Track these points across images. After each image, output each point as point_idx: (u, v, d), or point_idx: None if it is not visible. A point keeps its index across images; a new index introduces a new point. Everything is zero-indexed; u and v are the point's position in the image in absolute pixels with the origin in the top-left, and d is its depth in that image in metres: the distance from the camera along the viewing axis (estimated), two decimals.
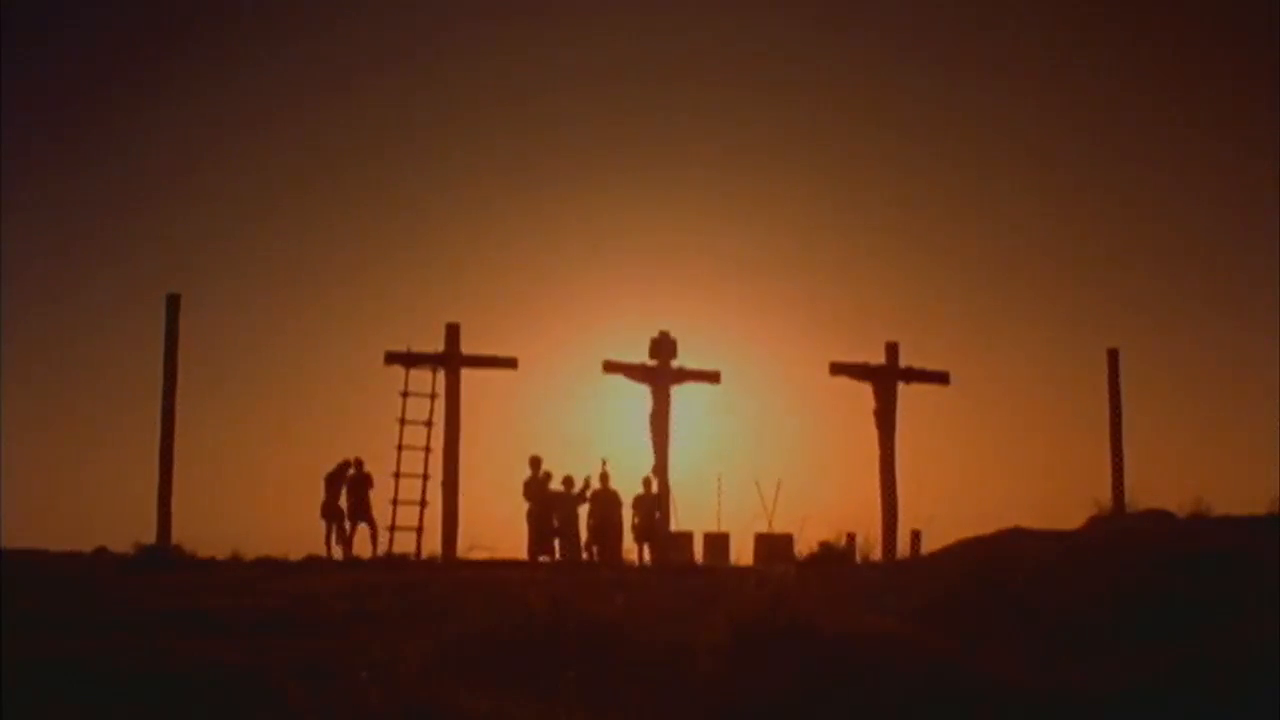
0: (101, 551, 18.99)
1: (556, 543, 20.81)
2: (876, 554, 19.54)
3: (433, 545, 19.57)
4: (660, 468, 20.33)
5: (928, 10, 39.63)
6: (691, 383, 20.72)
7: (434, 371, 19.98)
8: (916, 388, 21.26)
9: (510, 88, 39.89)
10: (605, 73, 40.21)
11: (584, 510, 21.13)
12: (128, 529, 18.71)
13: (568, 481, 21.08)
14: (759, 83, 40.32)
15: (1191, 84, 40.27)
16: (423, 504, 19.78)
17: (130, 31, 39.10)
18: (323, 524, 20.27)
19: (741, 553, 20.76)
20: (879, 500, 20.50)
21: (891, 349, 21.11)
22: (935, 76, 40.95)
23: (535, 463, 20.94)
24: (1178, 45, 40.42)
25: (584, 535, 21.00)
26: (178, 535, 18.34)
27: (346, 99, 40.08)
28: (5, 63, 33.49)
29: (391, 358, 19.94)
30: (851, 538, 19.74)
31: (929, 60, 40.64)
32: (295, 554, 19.06)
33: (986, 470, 30.66)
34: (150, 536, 18.18)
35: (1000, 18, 40.14)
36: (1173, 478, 26.62)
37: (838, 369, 20.98)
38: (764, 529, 21.13)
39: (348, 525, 20.33)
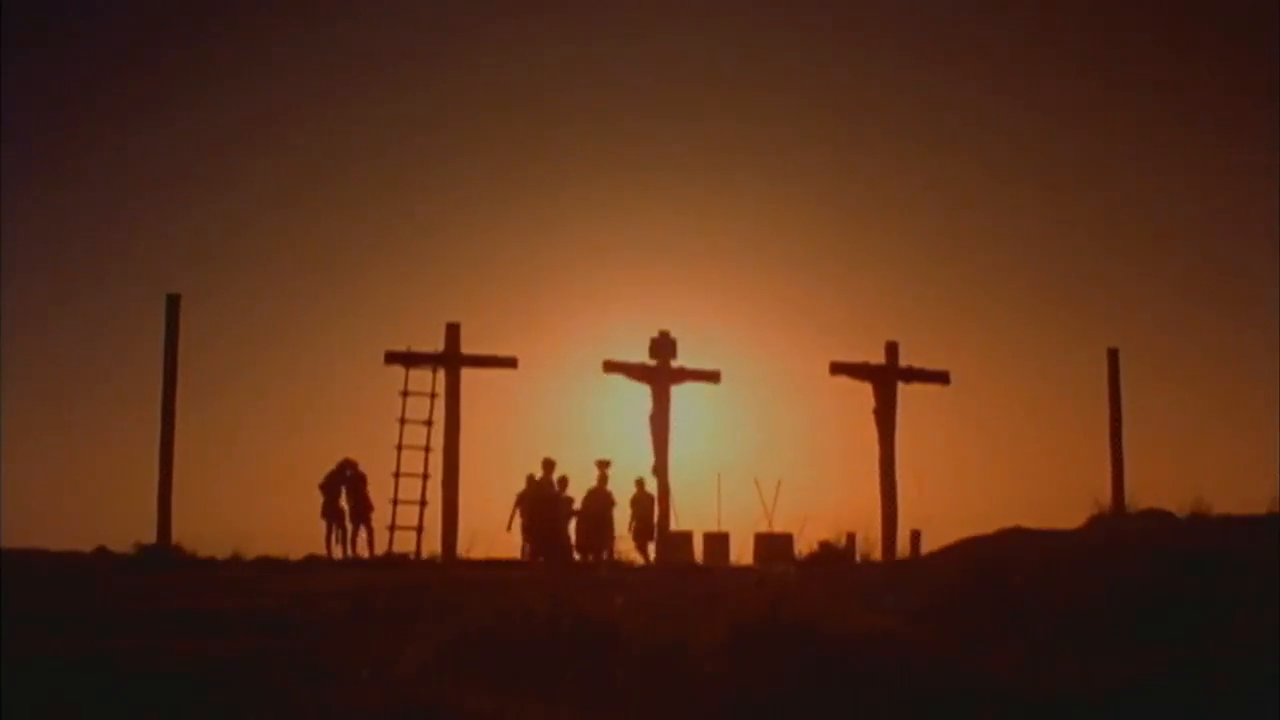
0: (101, 551, 18.98)
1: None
2: (876, 554, 19.56)
3: (432, 545, 19.59)
4: (660, 467, 20.32)
5: (928, 10, 39.66)
6: (691, 382, 20.70)
7: (434, 371, 19.98)
8: (916, 387, 21.26)
9: (510, 88, 39.95)
10: (605, 73, 40.27)
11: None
12: (128, 529, 18.77)
13: (563, 482, 21.10)
14: (759, 83, 40.37)
15: (1191, 84, 40.29)
16: (422, 503, 19.79)
17: (130, 31, 39.13)
18: (323, 524, 20.29)
19: (741, 553, 20.78)
20: (879, 500, 20.49)
21: (891, 349, 21.10)
22: (935, 77, 41.00)
23: (549, 465, 20.98)
24: (1178, 45, 40.44)
25: (575, 537, 21.01)
26: (178, 535, 18.36)
27: (346, 99, 40.13)
28: (5, 63, 33.49)
29: (391, 357, 19.94)
30: (851, 537, 19.77)
31: (929, 60, 40.68)
32: (295, 554, 19.09)
33: (986, 470, 30.73)
34: (150, 536, 18.19)
35: (1000, 18, 40.16)
36: (1173, 478, 26.63)
37: (838, 369, 20.97)
38: (764, 529, 21.14)
39: (349, 526, 20.35)
